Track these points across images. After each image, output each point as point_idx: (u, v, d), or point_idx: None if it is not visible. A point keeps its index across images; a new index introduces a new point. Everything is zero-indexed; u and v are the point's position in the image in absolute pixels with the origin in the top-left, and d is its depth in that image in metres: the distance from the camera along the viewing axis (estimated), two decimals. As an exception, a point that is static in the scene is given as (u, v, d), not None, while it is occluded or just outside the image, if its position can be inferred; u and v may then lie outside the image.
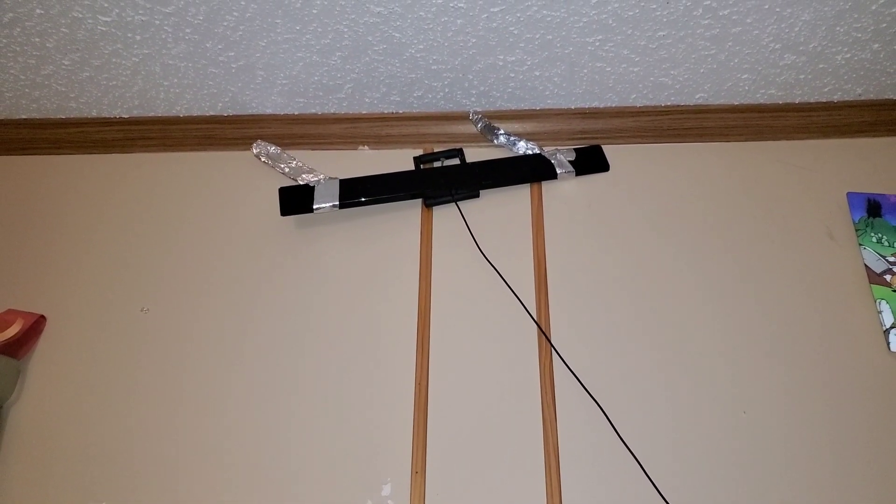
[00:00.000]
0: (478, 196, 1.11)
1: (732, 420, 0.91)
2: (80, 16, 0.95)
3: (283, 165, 1.14)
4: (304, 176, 1.13)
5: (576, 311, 1.00)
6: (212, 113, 1.18)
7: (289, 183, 1.13)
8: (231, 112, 1.17)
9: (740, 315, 0.99)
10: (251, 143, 1.16)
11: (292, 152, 1.16)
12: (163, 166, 1.18)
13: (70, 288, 1.07)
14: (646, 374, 0.95)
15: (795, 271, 1.02)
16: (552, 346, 0.97)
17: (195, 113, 1.18)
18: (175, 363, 1.00)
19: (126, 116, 1.19)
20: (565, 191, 1.11)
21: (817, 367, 0.94)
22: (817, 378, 0.93)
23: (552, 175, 1.11)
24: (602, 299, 1.01)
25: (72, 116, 1.19)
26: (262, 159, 1.15)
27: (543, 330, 0.99)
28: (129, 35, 0.99)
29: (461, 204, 1.10)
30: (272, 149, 1.16)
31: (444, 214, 1.10)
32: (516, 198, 1.11)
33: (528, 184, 1.12)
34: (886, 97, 1.12)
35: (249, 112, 1.17)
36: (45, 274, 1.09)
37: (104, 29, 0.98)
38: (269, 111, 1.17)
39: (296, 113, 1.18)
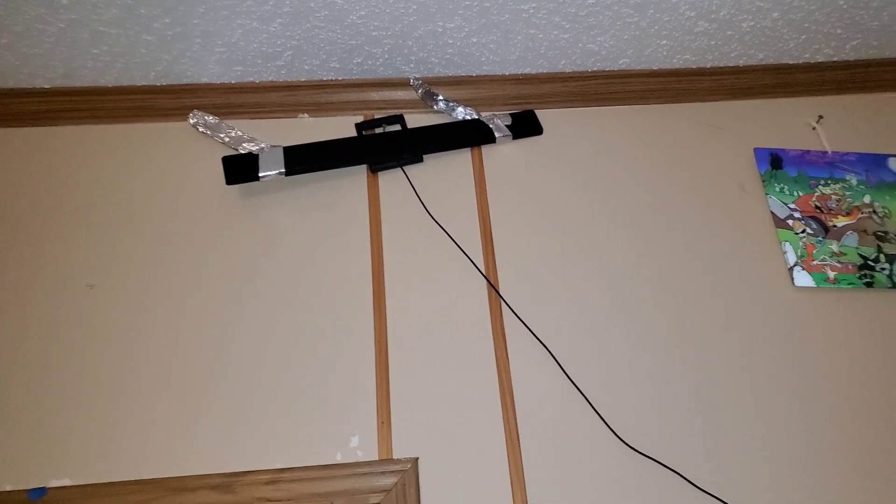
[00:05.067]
0: (422, 161, 1.15)
1: (667, 355, 1.01)
2: (2, -22, 0.90)
3: (222, 135, 1.13)
4: (244, 145, 1.12)
5: (520, 264, 1.07)
6: (144, 83, 1.14)
7: (230, 152, 1.12)
8: (165, 82, 1.14)
9: (667, 261, 1.09)
10: (187, 114, 1.14)
11: (231, 122, 1.15)
12: (94, 139, 1.13)
13: (4, 271, 1.02)
14: (587, 318, 1.03)
15: (712, 220, 1.13)
16: (501, 297, 1.03)
17: (125, 83, 1.14)
18: (128, 338, 0.99)
19: (47, 87, 1.13)
20: (504, 153, 1.17)
21: (736, 302, 1.06)
22: (736, 312, 1.05)
23: (491, 139, 1.16)
24: (543, 252, 1.08)
25: (-15, 88, 1.12)
26: (200, 129, 1.14)
27: (492, 283, 1.05)
28: (56, -1, 0.95)
29: (406, 168, 1.14)
30: (210, 118, 1.14)
31: (390, 179, 1.13)
32: (458, 161, 1.16)
33: (469, 148, 1.17)
34: (783, 62, 1.25)
35: (184, 81, 1.15)
36: (-28, 254, 1.04)
37: (28, -8, 0.93)
38: (204, 80, 1.15)
39: (233, 82, 1.16)
